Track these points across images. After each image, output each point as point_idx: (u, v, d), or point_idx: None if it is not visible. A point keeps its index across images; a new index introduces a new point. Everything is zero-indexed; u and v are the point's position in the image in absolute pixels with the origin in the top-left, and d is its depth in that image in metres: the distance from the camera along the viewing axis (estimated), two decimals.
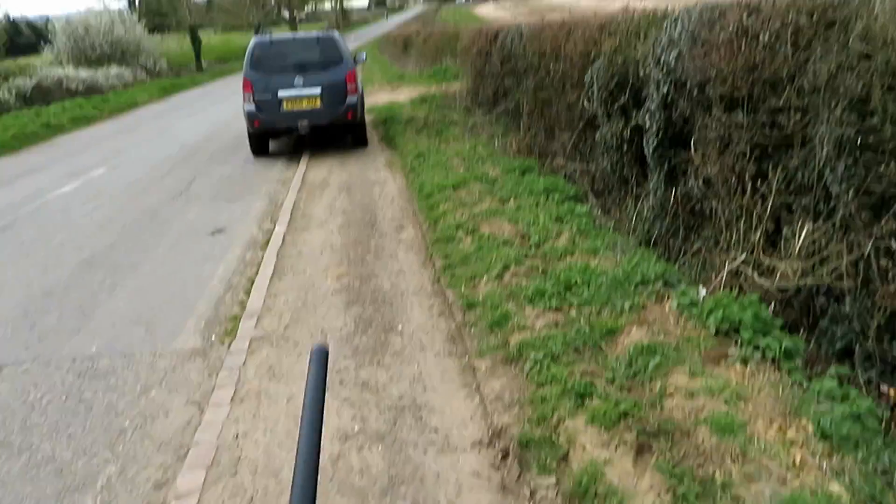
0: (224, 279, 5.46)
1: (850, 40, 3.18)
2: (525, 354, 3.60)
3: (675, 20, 4.77)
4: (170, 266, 5.87)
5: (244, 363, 4.01)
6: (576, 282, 4.31)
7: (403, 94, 15.50)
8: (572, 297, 4.16)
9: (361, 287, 5.01)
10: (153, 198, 8.45)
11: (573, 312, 4.00)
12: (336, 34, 10.60)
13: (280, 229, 6.58)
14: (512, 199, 6.24)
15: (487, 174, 7.23)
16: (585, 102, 6.80)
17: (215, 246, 6.33)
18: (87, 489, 3.00)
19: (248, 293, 5.09)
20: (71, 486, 3.03)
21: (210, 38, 44.31)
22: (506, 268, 4.72)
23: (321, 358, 0.40)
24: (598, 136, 6.54)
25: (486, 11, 56.19)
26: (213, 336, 4.46)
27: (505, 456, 2.93)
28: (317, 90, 9.82)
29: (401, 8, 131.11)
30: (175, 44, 38.40)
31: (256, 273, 5.48)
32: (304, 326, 4.45)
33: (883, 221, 3.16)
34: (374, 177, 8.61)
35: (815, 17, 3.57)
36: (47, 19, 34.36)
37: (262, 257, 5.84)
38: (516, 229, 5.48)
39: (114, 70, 26.89)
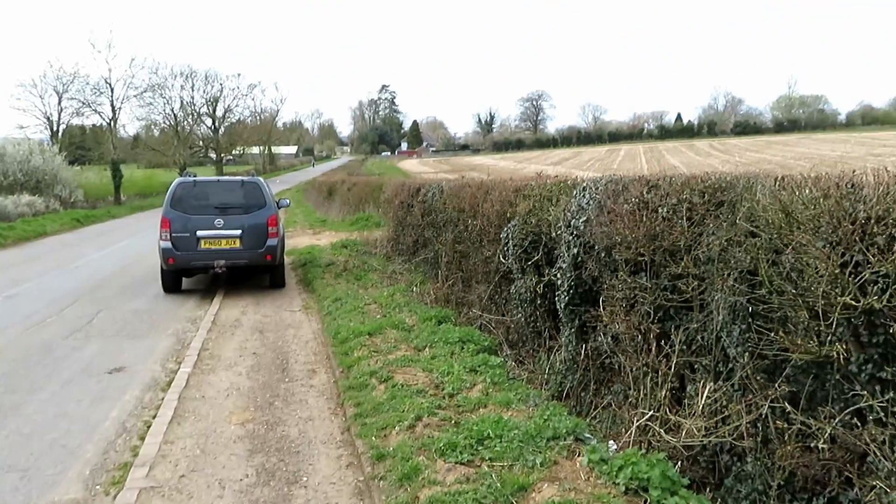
0: (118, 422, 5.10)
1: (738, 219, 3.52)
2: None
3: (584, 189, 5.15)
4: (59, 407, 5.44)
5: None
6: (488, 434, 4.26)
7: (325, 239, 15.70)
8: (484, 451, 4.09)
9: (267, 434, 4.77)
10: (50, 331, 7.98)
11: (485, 467, 3.92)
12: (260, 180, 10.83)
13: (185, 370, 6.28)
14: (427, 348, 6.25)
15: (404, 322, 7.27)
16: (501, 257, 7.09)
17: (112, 386, 5.95)
18: None
19: (142, 438, 4.75)
20: None
21: (133, 172, 44.20)
22: (418, 418, 4.63)
23: None
24: (512, 289, 6.76)
25: (409, 166, 59.03)
26: (98, 486, 4.09)
27: None
28: (237, 231, 9.85)
29: (328, 157, 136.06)
30: (95, 175, 38.02)
31: (154, 416, 5.15)
32: (200, 476, 4.15)
33: (776, 384, 3.34)
34: (290, 319, 8.48)
35: (706, 196, 3.95)
36: None
37: (163, 400, 5.52)
38: (430, 378, 5.45)
39: (25, 198, 26.17)
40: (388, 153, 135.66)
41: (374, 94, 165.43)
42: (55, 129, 41.20)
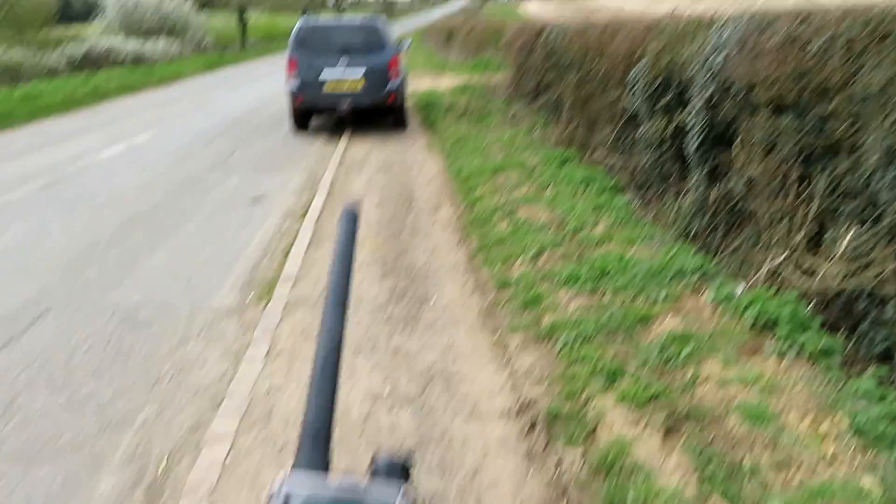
0: (262, 245, 5.55)
1: None
2: (556, 334, 3.62)
3: (724, 25, 4.73)
4: (209, 230, 5.98)
5: (278, 324, 4.09)
6: (611, 269, 4.30)
7: (445, 82, 15.53)
8: (607, 284, 4.16)
9: (396, 261, 5.06)
10: (195, 165, 8.60)
11: (607, 298, 4.00)
12: (381, 20, 10.66)
13: (318, 202, 6.66)
14: (550, 187, 6.24)
15: (526, 162, 7.23)
16: (628, 100, 6.77)
17: (254, 214, 6.43)
18: (126, 427, 3.09)
19: (284, 259, 5.17)
20: (111, 422, 3.12)
21: (257, 18, 44.73)
22: (541, 251, 4.73)
23: (350, 219, 0.41)
24: (639, 132, 6.51)
25: (531, 9, 55.90)
26: (250, 297, 4.55)
27: (532, 427, 2.96)
28: (359, 73, 9.90)
29: (444, 1, 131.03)
30: (222, 22, 38.84)
31: (293, 241, 5.56)
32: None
33: None
34: (413, 158, 8.66)
35: (868, 28, 3.52)
36: None
37: (300, 227, 5.93)
38: (553, 216, 5.49)
39: (161, 43, 27.32)
40: None
41: None
42: None
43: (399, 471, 0.37)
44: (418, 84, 15.52)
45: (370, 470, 0.38)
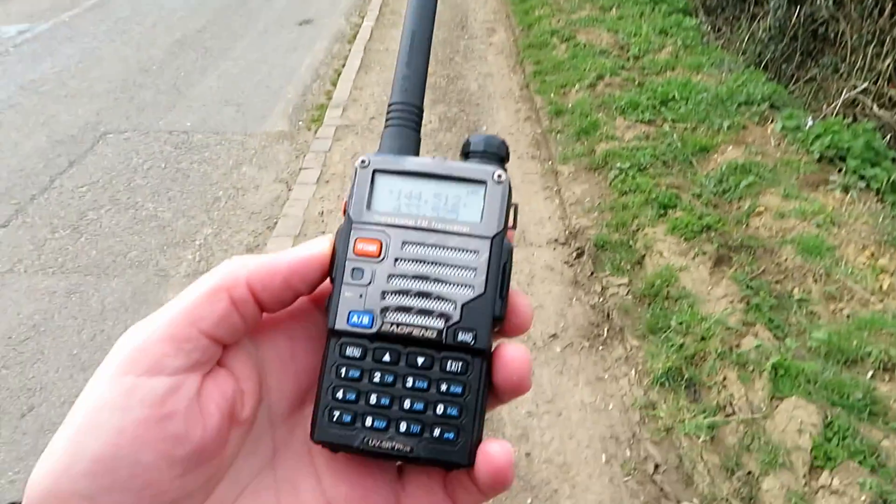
0: (311, 69, 5.43)
1: None
2: (610, 163, 3.52)
3: None
4: (259, 53, 5.85)
5: (329, 148, 4.09)
6: (673, 97, 4.08)
7: None
8: (668, 112, 3.96)
9: (448, 87, 4.90)
10: None
11: (666, 127, 3.83)
12: None
13: (368, 24, 6.39)
14: (614, 8, 5.81)
15: None
16: None
17: (303, 37, 6.24)
18: (187, 246, 3.24)
19: (334, 84, 5.07)
20: (172, 241, 3.27)
21: None
22: (600, 77, 4.49)
23: None
24: None
25: None
26: (300, 122, 4.53)
27: (580, 255, 2.97)
28: None
29: None
30: None
31: (343, 65, 5.42)
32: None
33: None
34: None
35: None
36: None
37: (350, 50, 5.75)
38: (615, 39, 5.15)
39: None
40: None
41: None
42: None
43: (496, 153, 0.35)
44: None
45: (463, 153, 0.35)
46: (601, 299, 2.71)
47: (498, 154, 0.35)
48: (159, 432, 0.28)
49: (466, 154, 0.35)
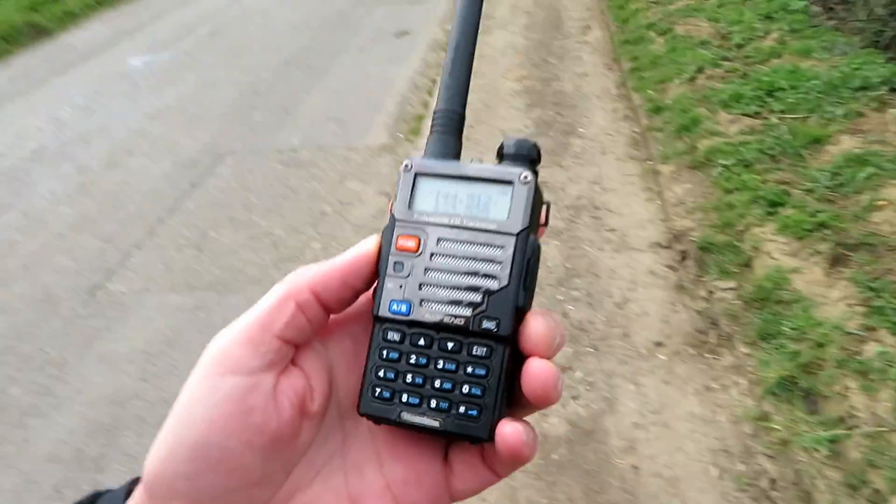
0: (409, 80, 5.58)
1: None
2: (714, 160, 3.42)
3: None
4: (359, 66, 6.07)
5: None
6: (780, 86, 3.89)
7: None
8: (774, 103, 3.79)
9: (543, 89, 4.90)
10: (340, 2, 8.58)
11: (773, 119, 3.66)
12: None
13: None
14: None
15: None
16: None
17: (400, 48, 6.41)
18: (298, 261, 3.43)
19: (431, 93, 5.18)
20: (285, 257, 3.48)
21: None
22: (700, 70, 4.36)
23: None
24: None
25: None
26: (400, 133, 4.66)
27: (684, 258, 2.91)
28: None
29: None
30: None
31: (439, 74, 5.52)
32: (485, 127, 4.50)
33: None
34: None
35: None
36: None
37: (444, 59, 5.84)
38: (716, 29, 4.97)
39: None
40: None
41: None
42: None
43: (527, 155, 0.38)
44: None
45: (498, 155, 0.39)
46: (707, 304, 2.65)
47: (529, 156, 0.38)
48: (241, 423, 0.33)
49: (501, 157, 0.38)
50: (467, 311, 0.35)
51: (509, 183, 0.36)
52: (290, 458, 0.36)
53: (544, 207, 0.38)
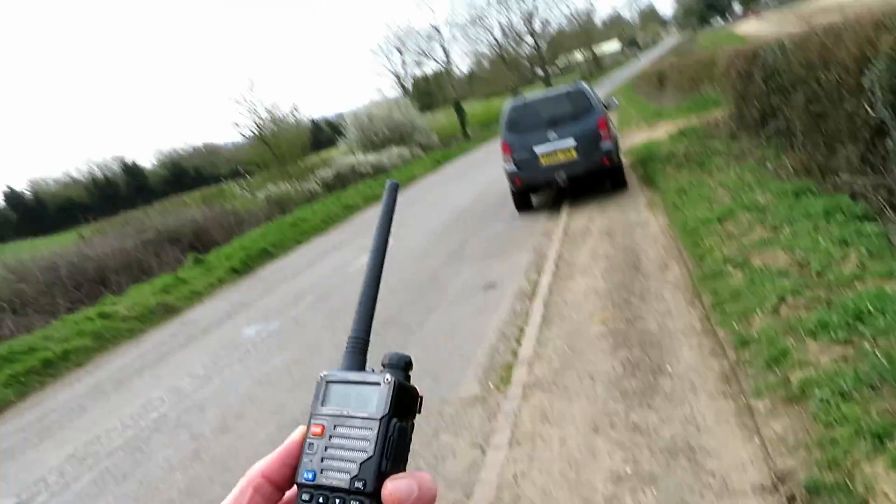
0: (497, 330, 5.85)
1: None
2: (809, 392, 3.32)
3: None
4: (450, 321, 6.45)
5: (519, 408, 4.26)
6: (867, 310, 3.85)
7: (661, 130, 15.17)
8: (864, 328, 3.72)
9: (627, 330, 5.01)
10: (432, 261, 9.35)
11: (866, 345, 3.58)
12: (584, 85, 10.88)
13: (546, 280, 6.85)
14: (786, 226, 5.78)
15: (756, 202, 6.79)
16: (868, 109, 6.13)
17: (488, 300, 6.81)
18: None
19: (519, 342, 5.39)
20: None
21: (473, 106, 47.74)
22: (782, 300, 4.39)
23: (392, 190, 0.58)
24: (889, 142, 5.84)
25: (748, 29, 52.54)
26: (491, 383, 4.81)
27: (791, 502, 2.73)
28: (571, 142, 10.14)
29: (654, 43, 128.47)
30: (443, 117, 42.12)
31: (526, 323, 5.78)
32: (572, 372, 4.59)
33: None
34: (636, 218, 8.55)
35: None
36: (340, 115, 40.03)
37: (531, 307, 6.15)
38: (792, 257, 5.07)
39: (394, 150, 30.34)
40: (721, 22, 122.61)
41: None
42: (404, 83, 46.60)
43: (398, 364, 0.52)
44: (634, 138, 15.35)
45: (382, 364, 0.53)
46: None
47: (399, 365, 0.52)
48: None
49: (384, 366, 0.53)
50: (347, 476, 0.47)
51: (377, 384, 0.50)
52: None
53: (418, 399, 0.52)
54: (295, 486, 0.49)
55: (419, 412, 0.52)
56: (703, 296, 5.17)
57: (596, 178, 10.65)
